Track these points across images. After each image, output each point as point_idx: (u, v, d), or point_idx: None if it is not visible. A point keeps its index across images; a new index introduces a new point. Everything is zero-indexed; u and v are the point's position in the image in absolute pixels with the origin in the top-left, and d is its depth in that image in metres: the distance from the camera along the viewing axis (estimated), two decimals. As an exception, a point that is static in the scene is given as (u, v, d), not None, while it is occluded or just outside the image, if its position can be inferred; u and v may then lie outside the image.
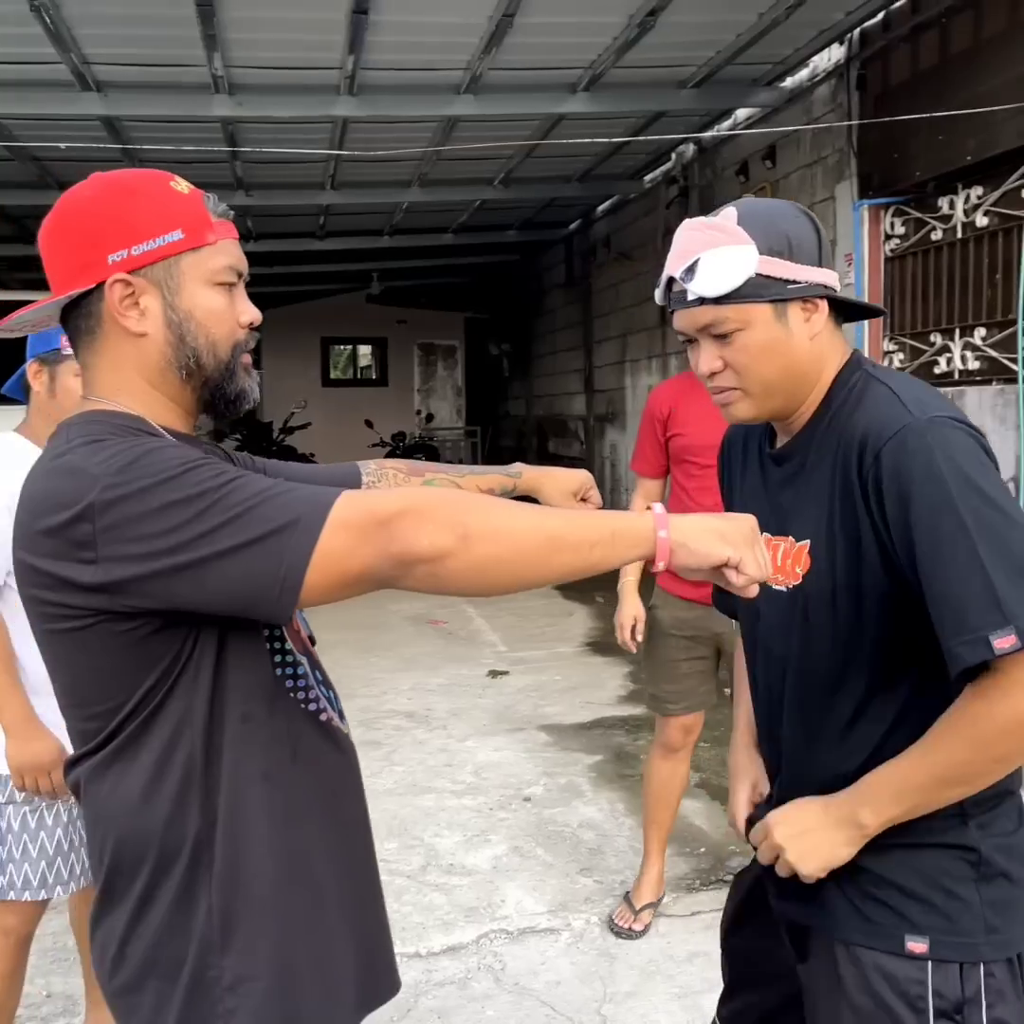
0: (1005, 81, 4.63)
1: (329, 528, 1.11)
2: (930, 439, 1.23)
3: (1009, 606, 1.16)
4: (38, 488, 1.21)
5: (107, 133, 6.42)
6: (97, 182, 1.30)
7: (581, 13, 5.00)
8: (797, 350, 1.36)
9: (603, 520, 1.21)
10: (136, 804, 1.23)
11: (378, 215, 9.67)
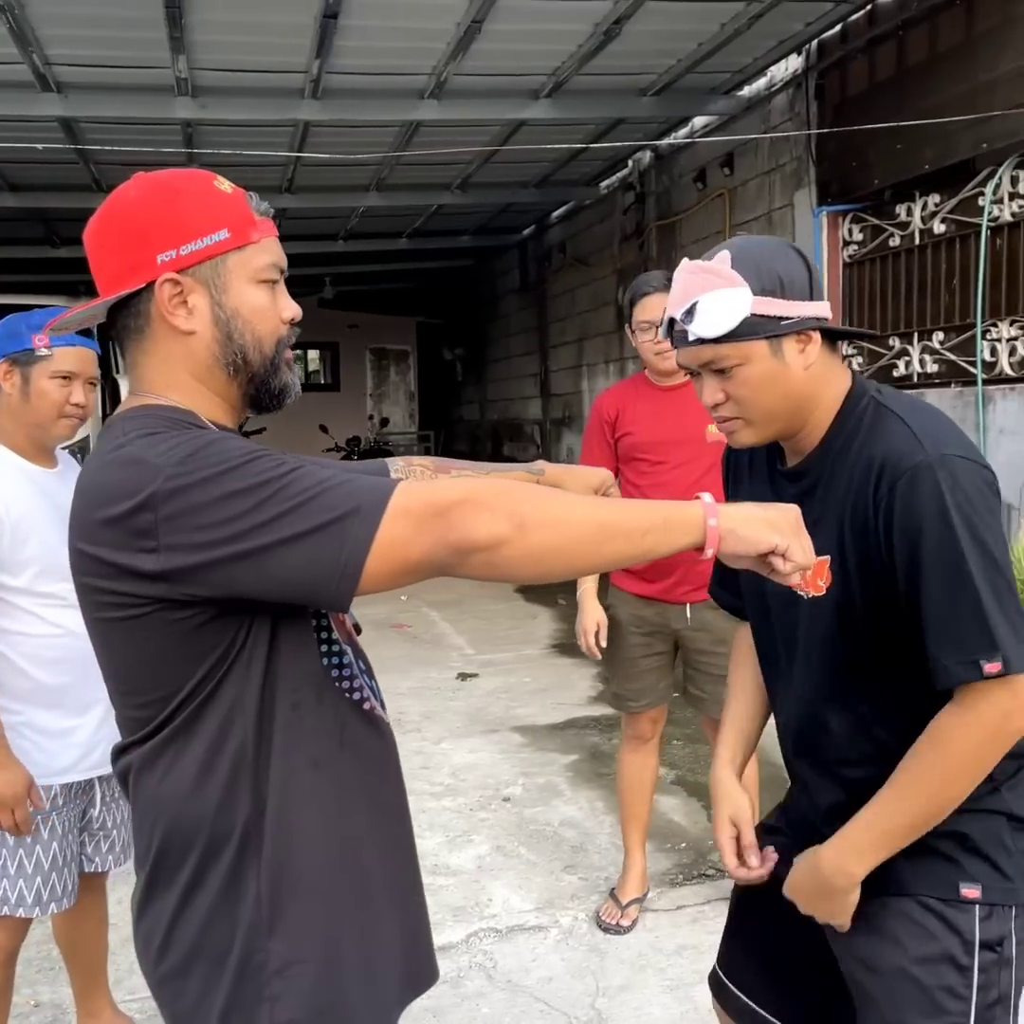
0: (961, 93, 4.76)
1: (389, 516, 1.13)
2: (940, 478, 1.35)
3: (1000, 638, 1.33)
4: (96, 480, 1.22)
5: (64, 134, 6.34)
6: (143, 183, 1.31)
7: (549, 21, 5.05)
8: (794, 380, 1.45)
9: (654, 509, 1.24)
10: (187, 791, 1.25)
11: (334, 219, 9.65)
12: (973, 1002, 1.45)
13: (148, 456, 1.18)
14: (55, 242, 9.73)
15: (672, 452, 3.16)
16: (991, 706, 1.35)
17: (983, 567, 1.34)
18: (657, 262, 8.00)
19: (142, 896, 1.32)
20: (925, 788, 1.41)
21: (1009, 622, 1.34)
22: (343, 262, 11.94)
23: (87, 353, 2.34)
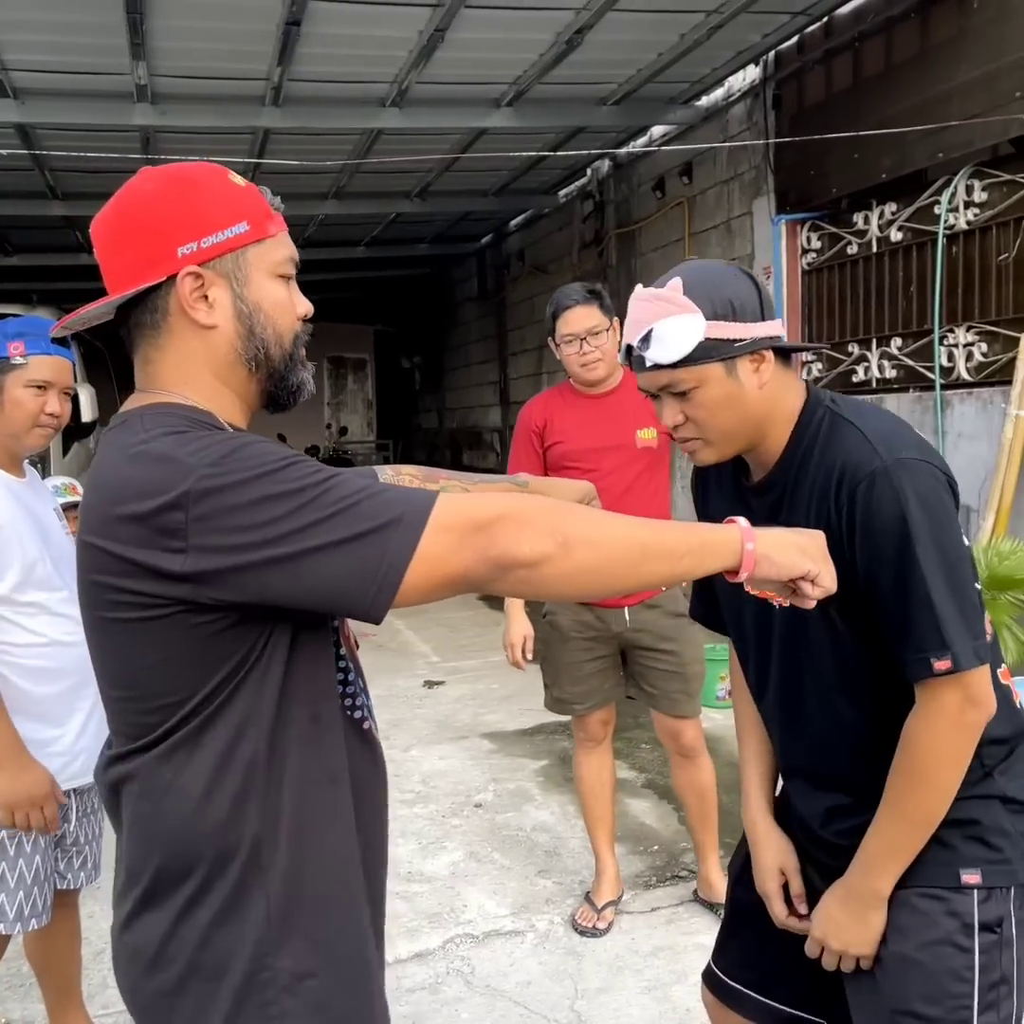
0: (916, 104, 4.86)
1: (430, 529, 1.11)
2: (897, 483, 1.40)
3: (950, 636, 1.39)
4: (118, 475, 1.18)
5: (20, 140, 6.26)
6: (158, 176, 1.27)
7: (511, 29, 5.09)
8: (749, 399, 1.50)
9: (692, 532, 1.25)
10: (194, 803, 1.20)
11: (292, 228, 9.55)
12: (976, 983, 1.48)
13: (179, 454, 1.14)
14: (8, 250, 9.60)
15: (603, 459, 3.19)
16: (945, 701, 1.42)
17: (939, 566, 1.39)
18: (616, 270, 8.06)
19: (133, 908, 1.26)
20: (914, 790, 1.46)
21: (962, 621, 1.40)
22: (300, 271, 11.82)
23: (63, 363, 2.31)
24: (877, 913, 1.52)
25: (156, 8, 4.56)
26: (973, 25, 4.56)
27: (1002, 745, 1.52)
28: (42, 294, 9.96)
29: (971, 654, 1.40)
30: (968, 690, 1.42)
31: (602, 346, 3.20)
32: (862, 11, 5.20)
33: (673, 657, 3.23)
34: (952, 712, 1.43)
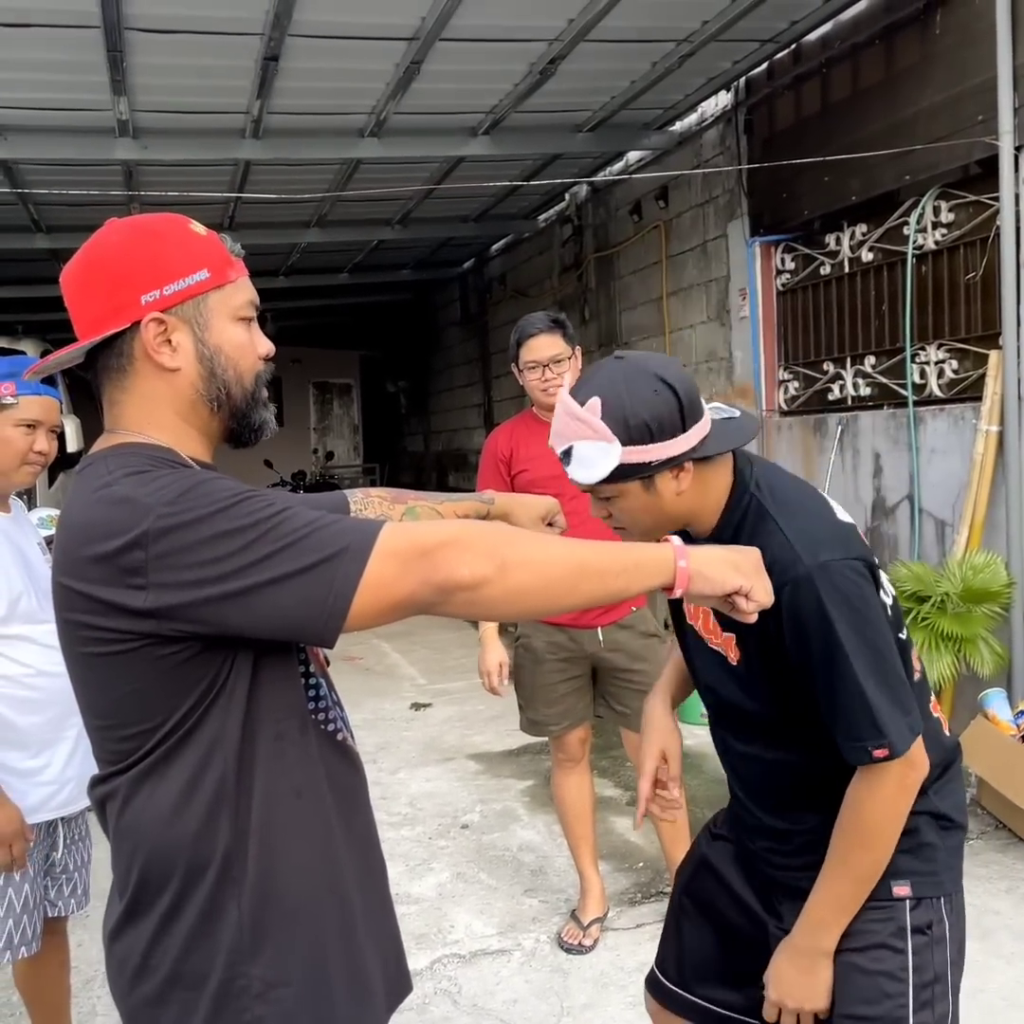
0: (883, 127, 4.96)
1: (376, 556, 1.18)
2: (819, 587, 1.47)
3: (884, 725, 1.48)
4: (86, 517, 1.24)
5: (3, 175, 6.32)
6: (122, 227, 1.35)
7: (486, 61, 5.17)
8: (668, 506, 1.58)
9: (627, 550, 1.31)
10: (167, 819, 1.27)
11: (274, 256, 9.69)
12: (911, 983, 1.56)
13: (138, 495, 1.20)
14: (-9, 282, 9.64)
15: (568, 485, 3.23)
16: (887, 776, 1.52)
17: (866, 660, 1.48)
18: (596, 293, 8.15)
19: (119, 921, 1.33)
20: (861, 851, 1.55)
21: (893, 705, 1.49)
22: (285, 298, 11.96)
23: (51, 402, 2.37)
24: (826, 967, 1.59)
25: (136, 46, 4.63)
26: (936, 51, 4.66)
27: (937, 767, 1.61)
28: (27, 325, 10.01)
29: (906, 734, 1.50)
30: (907, 761, 1.52)
31: (564, 373, 3.27)
32: (829, 38, 5.31)
33: (645, 677, 3.28)
34: (893, 781, 1.52)
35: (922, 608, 4.37)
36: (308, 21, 4.50)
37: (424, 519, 1.75)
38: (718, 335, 6.53)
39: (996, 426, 4.40)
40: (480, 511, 1.81)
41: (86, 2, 4.14)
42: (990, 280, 4.51)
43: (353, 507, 1.72)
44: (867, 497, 5.28)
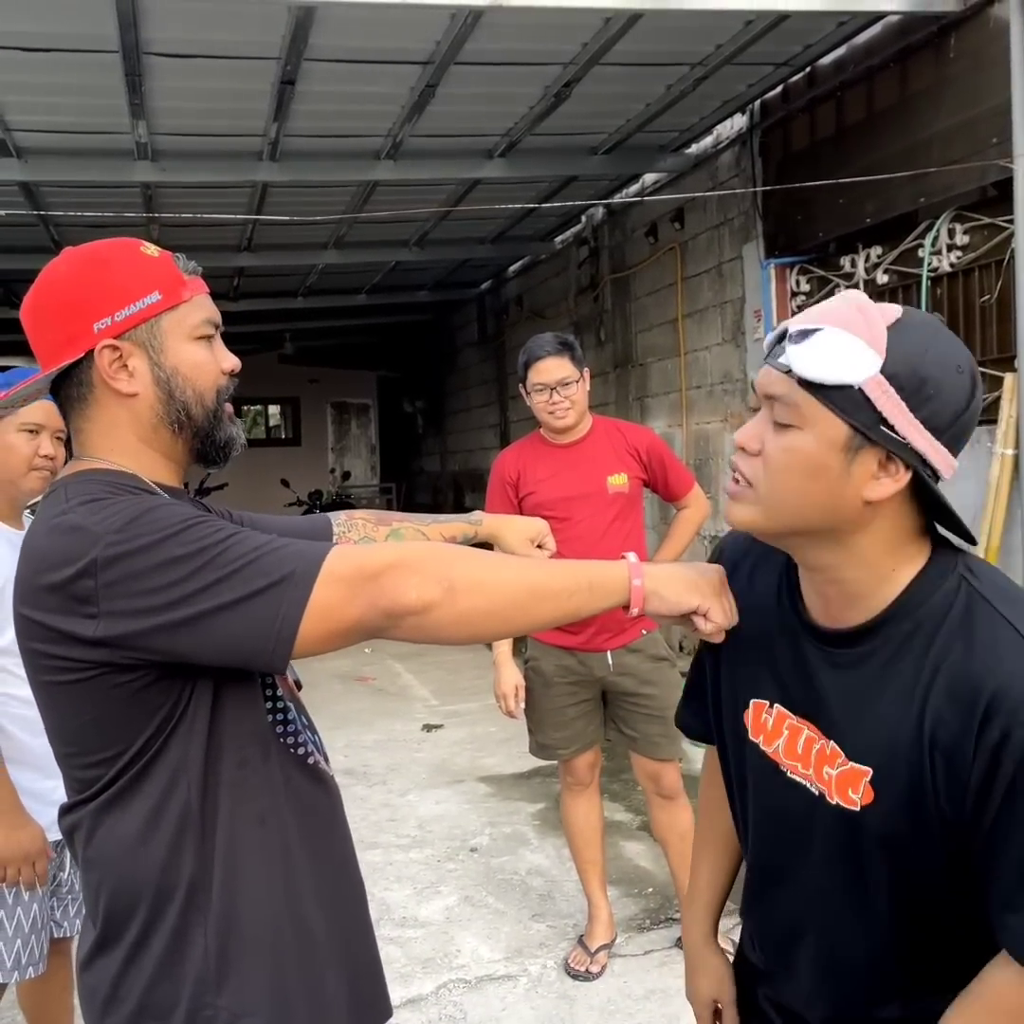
0: (897, 150, 4.96)
1: (322, 581, 1.17)
2: None
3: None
4: (39, 546, 1.25)
5: (24, 198, 6.40)
6: (71, 257, 1.35)
7: (501, 84, 5.20)
8: (839, 496, 1.11)
9: (581, 570, 1.28)
10: (132, 847, 1.26)
11: (293, 277, 9.75)
12: None
13: (88, 523, 1.20)
14: (14, 303, 9.74)
15: (576, 508, 3.26)
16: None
17: None
18: (612, 314, 8.16)
19: (91, 950, 1.32)
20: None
21: None
22: (303, 318, 12.03)
23: (52, 406, 2.36)
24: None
25: (154, 70, 4.68)
26: (950, 74, 4.66)
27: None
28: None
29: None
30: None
31: (571, 396, 3.27)
32: (843, 62, 5.31)
33: (654, 701, 3.26)
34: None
35: (937, 632, 4.33)
36: (324, 45, 4.53)
37: (409, 540, 1.74)
38: (733, 357, 6.52)
39: (1012, 449, 4.37)
40: (467, 532, 1.80)
41: (105, 27, 4.18)
42: (1005, 302, 4.48)
43: (336, 530, 1.72)
44: (882, 520, 5.24)
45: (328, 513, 1.78)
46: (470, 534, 1.79)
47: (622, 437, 3.43)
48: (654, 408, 7.60)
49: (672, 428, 7.21)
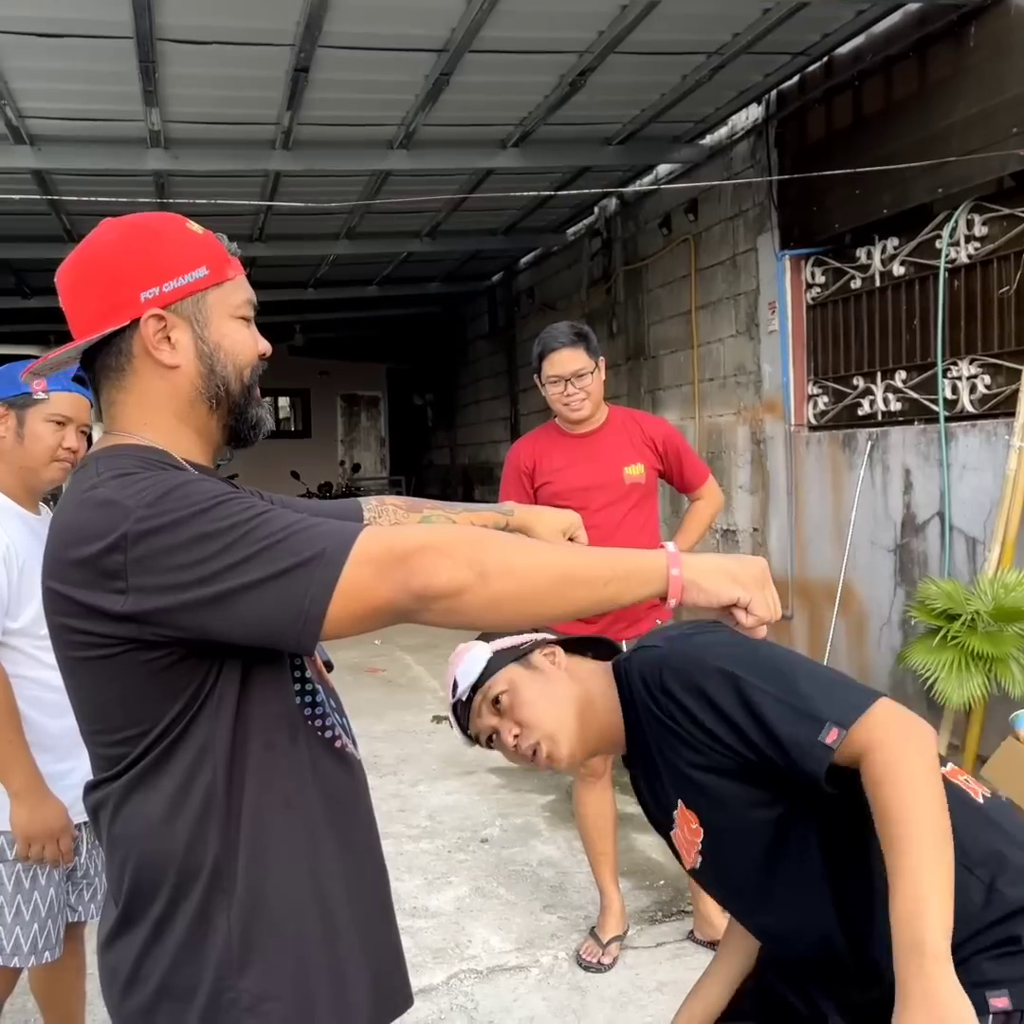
0: (915, 141, 4.91)
1: (352, 562, 1.15)
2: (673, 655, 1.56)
3: (819, 711, 1.41)
4: (69, 519, 1.24)
5: (37, 186, 6.39)
6: (120, 226, 1.34)
7: (515, 73, 5.17)
8: (559, 683, 1.64)
9: (617, 557, 1.26)
10: (157, 827, 1.25)
11: (303, 267, 9.73)
12: None
13: (120, 497, 1.19)
14: (26, 292, 9.74)
15: (593, 497, 3.24)
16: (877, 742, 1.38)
17: (764, 679, 1.46)
18: (624, 306, 8.13)
19: (113, 929, 1.32)
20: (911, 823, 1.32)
21: (815, 698, 1.43)
22: (313, 310, 12.01)
23: (82, 400, 2.38)
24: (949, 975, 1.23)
25: (168, 57, 4.66)
26: (970, 63, 4.61)
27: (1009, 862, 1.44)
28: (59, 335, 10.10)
29: (845, 707, 1.41)
30: (875, 730, 1.38)
31: (587, 387, 3.25)
32: (861, 51, 5.27)
33: None
34: (891, 738, 1.38)
35: (952, 627, 4.29)
36: (338, 32, 4.51)
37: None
38: (747, 349, 6.48)
39: (1029, 442, 4.32)
40: (499, 522, 1.77)
41: (119, 12, 4.17)
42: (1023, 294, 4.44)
43: (367, 515, 1.70)
44: (897, 514, 5.21)
45: (359, 498, 1.77)
46: (501, 524, 1.77)
47: (638, 427, 3.41)
48: (666, 400, 7.57)
49: (684, 421, 7.17)
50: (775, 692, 1.44)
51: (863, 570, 5.45)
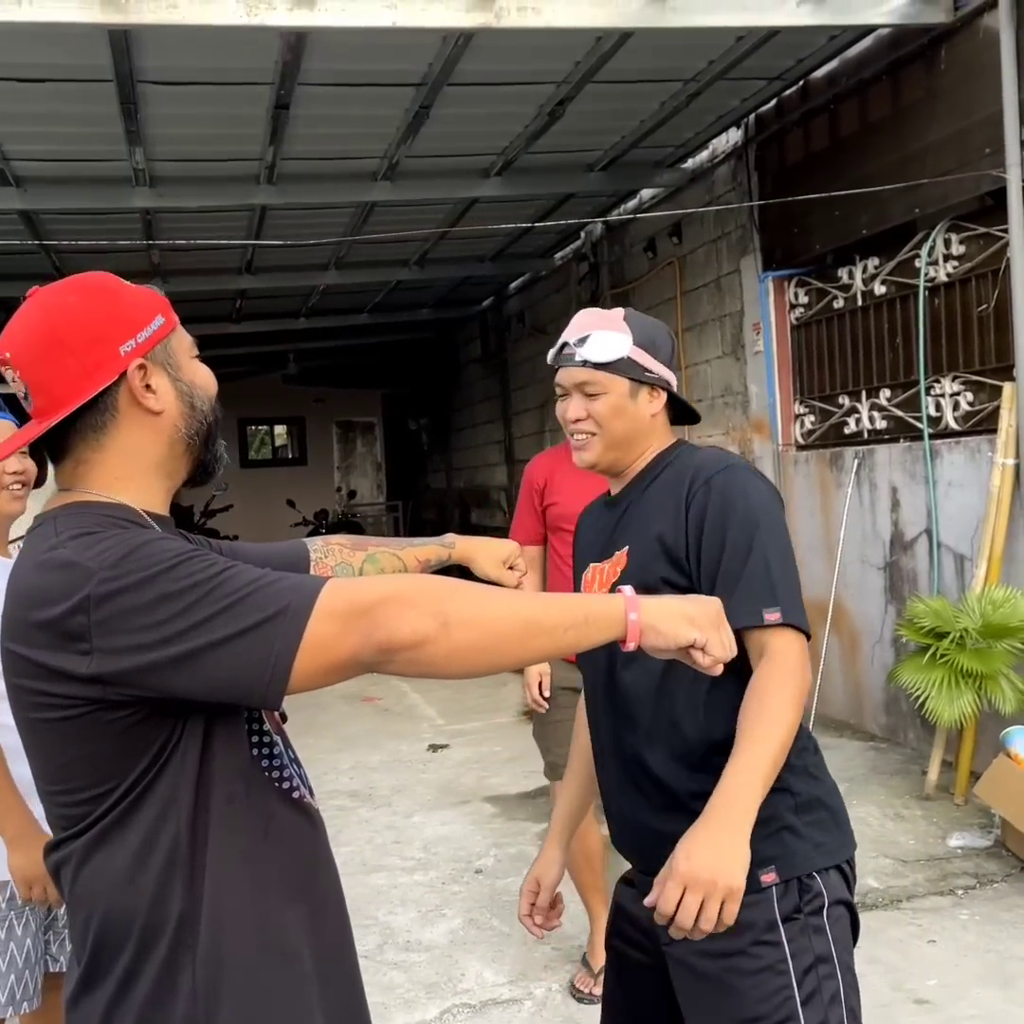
0: (892, 161, 4.96)
1: (316, 616, 1.15)
2: (747, 477, 1.72)
3: (780, 596, 1.61)
4: (31, 582, 1.23)
5: (24, 227, 6.44)
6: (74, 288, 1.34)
7: (494, 104, 5.23)
8: (638, 420, 1.80)
9: (577, 604, 1.28)
10: (121, 883, 1.25)
11: (294, 297, 9.79)
12: (792, 971, 1.57)
13: (81, 559, 1.19)
14: (17, 329, 9.79)
15: None
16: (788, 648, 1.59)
17: (777, 548, 1.65)
18: (613, 329, 8.16)
19: (77, 988, 1.30)
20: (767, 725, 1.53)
21: (789, 588, 1.63)
22: (306, 339, 12.08)
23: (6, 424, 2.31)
24: (744, 843, 1.43)
25: (149, 98, 4.72)
26: (942, 85, 4.66)
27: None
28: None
29: (800, 614, 1.60)
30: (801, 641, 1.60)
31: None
32: (836, 75, 5.33)
33: None
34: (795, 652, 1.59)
35: (941, 644, 4.30)
36: (316, 69, 4.57)
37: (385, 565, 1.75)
38: (733, 369, 6.52)
39: (1012, 459, 4.35)
40: (441, 555, 1.81)
41: (99, 56, 4.22)
42: (1002, 312, 4.47)
43: (313, 555, 1.72)
44: (885, 532, 5.22)
45: (305, 539, 1.79)
46: (444, 557, 1.80)
47: None
48: (656, 422, 7.60)
49: (674, 442, 7.19)
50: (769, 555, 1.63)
51: (854, 588, 5.46)
